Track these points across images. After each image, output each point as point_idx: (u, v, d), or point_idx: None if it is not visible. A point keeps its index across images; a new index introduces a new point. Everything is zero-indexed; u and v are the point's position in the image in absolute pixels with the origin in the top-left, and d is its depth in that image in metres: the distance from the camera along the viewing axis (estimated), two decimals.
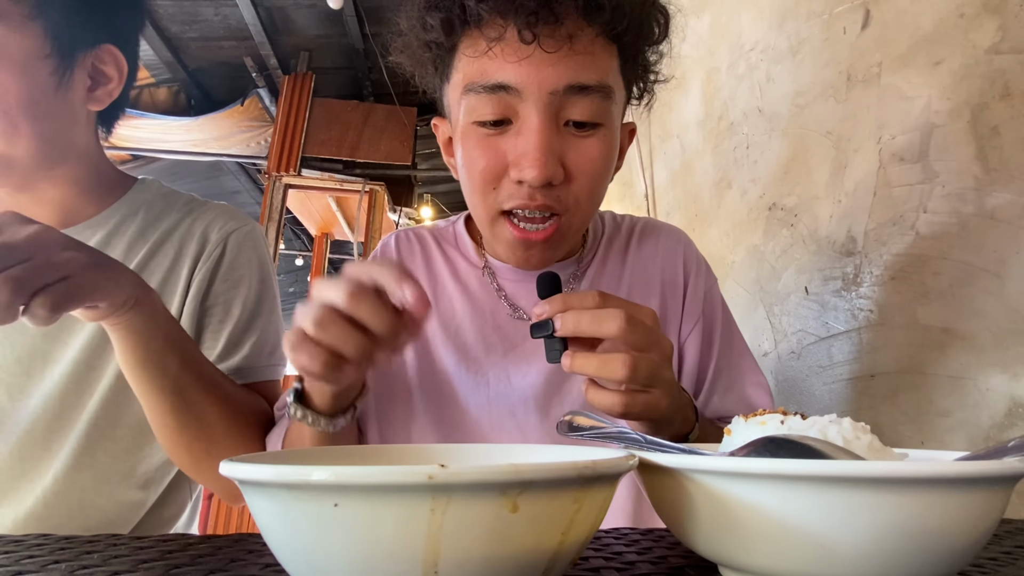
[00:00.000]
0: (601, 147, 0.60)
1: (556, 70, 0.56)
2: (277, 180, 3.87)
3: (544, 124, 0.57)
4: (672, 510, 0.32)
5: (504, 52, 0.57)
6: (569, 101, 0.58)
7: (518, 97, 0.57)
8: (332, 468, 0.22)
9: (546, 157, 0.57)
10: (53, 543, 0.40)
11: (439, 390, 0.68)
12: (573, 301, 0.50)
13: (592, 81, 0.58)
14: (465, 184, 0.64)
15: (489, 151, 0.60)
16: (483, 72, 0.58)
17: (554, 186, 0.59)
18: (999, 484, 0.27)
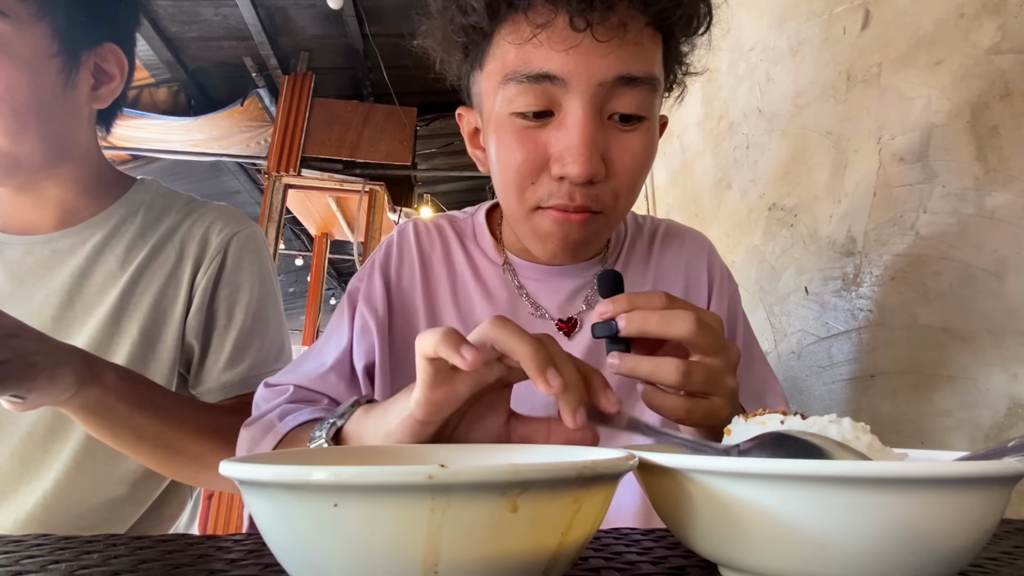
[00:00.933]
0: (644, 142, 0.58)
1: (607, 60, 0.53)
2: (277, 180, 3.86)
3: (589, 117, 0.54)
4: (672, 510, 0.32)
5: (551, 40, 0.54)
6: (616, 93, 0.55)
7: (563, 88, 0.54)
8: (332, 468, 0.22)
9: (591, 152, 0.54)
10: (53, 543, 0.40)
11: None
12: (640, 301, 0.47)
13: (642, 72, 0.55)
14: (498, 178, 0.61)
15: (528, 144, 0.57)
16: (526, 60, 0.55)
17: (595, 183, 0.56)
18: (999, 484, 0.27)
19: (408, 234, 0.75)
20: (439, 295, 0.70)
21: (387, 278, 0.71)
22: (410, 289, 0.71)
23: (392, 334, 0.69)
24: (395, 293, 0.71)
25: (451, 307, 0.69)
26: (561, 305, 0.68)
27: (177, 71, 3.82)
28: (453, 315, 0.69)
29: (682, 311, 0.46)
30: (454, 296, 0.70)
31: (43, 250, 0.77)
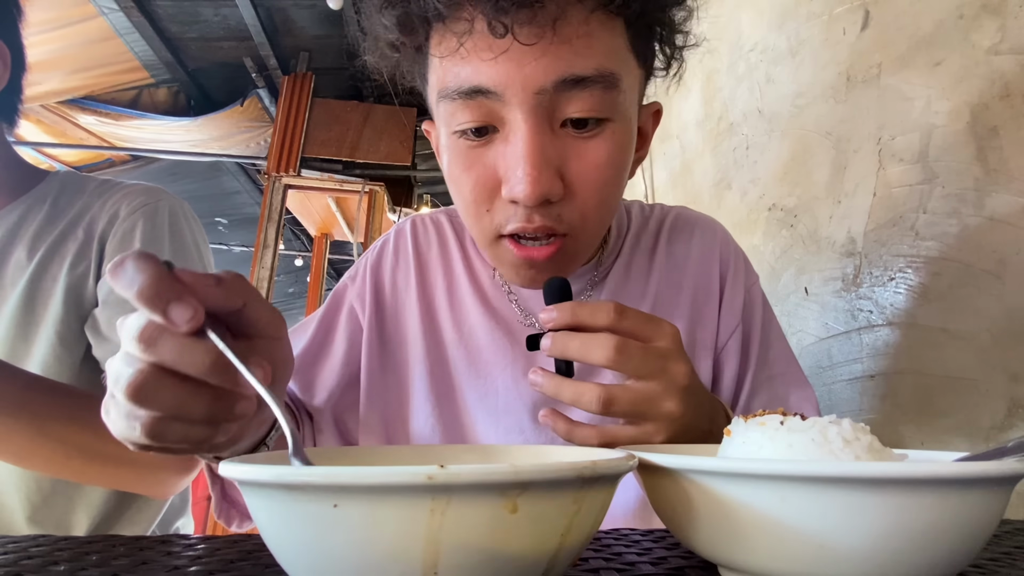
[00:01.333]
0: (608, 148, 0.51)
1: (540, 64, 0.46)
2: (276, 180, 3.86)
3: (534, 130, 0.48)
4: (672, 511, 0.32)
5: (476, 48, 0.47)
6: (563, 98, 0.48)
7: (499, 101, 0.48)
8: (331, 468, 0.22)
9: (538, 170, 0.47)
10: (52, 543, 0.40)
11: (448, 395, 0.64)
12: (583, 314, 0.44)
13: (589, 71, 0.48)
14: (458, 204, 0.56)
15: (476, 166, 0.51)
16: (455, 76, 0.49)
17: (553, 203, 0.50)
18: (999, 484, 0.27)
19: (405, 233, 0.72)
20: (435, 294, 0.68)
21: (378, 280, 0.70)
22: (405, 289, 0.69)
23: (382, 337, 0.67)
24: (388, 295, 0.69)
25: (446, 308, 0.67)
26: None
27: (177, 71, 3.82)
28: (448, 317, 0.67)
29: (603, 336, 0.43)
30: (449, 297, 0.68)
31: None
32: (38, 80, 3.15)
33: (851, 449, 0.30)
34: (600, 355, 0.43)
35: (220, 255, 5.14)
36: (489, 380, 0.63)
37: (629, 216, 0.71)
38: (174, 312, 0.32)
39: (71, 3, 2.89)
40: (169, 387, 0.33)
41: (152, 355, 0.32)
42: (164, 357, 0.32)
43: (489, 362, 0.64)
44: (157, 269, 0.32)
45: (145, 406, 0.33)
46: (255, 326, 0.36)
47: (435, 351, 0.66)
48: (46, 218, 0.78)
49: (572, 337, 0.44)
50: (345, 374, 0.67)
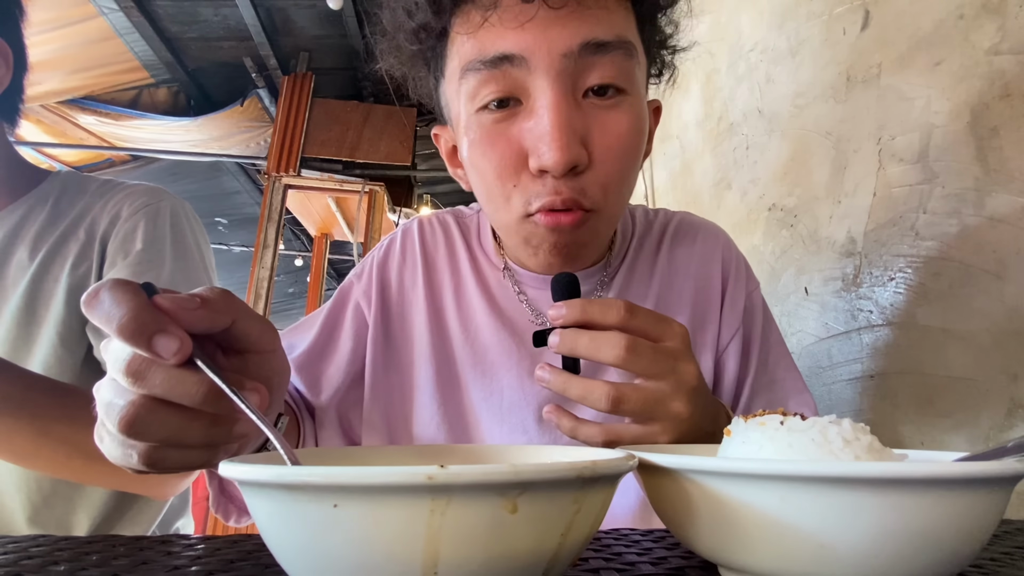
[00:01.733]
0: (629, 119, 0.52)
1: (568, 28, 0.49)
2: (276, 180, 3.86)
3: (560, 96, 0.49)
4: (672, 511, 0.32)
5: (503, 19, 0.49)
6: (587, 64, 0.50)
7: (525, 68, 0.49)
8: (331, 469, 0.22)
9: (567, 136, 0.48)
10: (52, 543, 0.40)
11: (453, 393, 0.64)
12: (594, 312, 0.44)
13: (611, 36, 0.50)
14: (479, 188, 0.56)
15: (500, 141, 0.51)
16: (481, 47, 0.50)
17: (579, 173, 0.51)
18: (999, 485, 0.27)
19: (412, 233, 0.72)
20: (442, 295, 0.69)
21: (384, 278, 0.70)
22: (411, 288, 0.69)
23: (387, 335, 0.68)
24: (394, 293, 0.69)
25: (453, 308, 0.67)
26: None
27: (177, 71, 3.82)
28: (455, 316, 0.67)
29: (613, 334, 0.43)
30: (456, 297, 0.68)
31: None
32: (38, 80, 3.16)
33: (851, 449, 0.30)
34: (610, 353, 0.42)
35: (220, 255, 5.14)
36: (495, 380, 0.63)
37: (634, 220, 0.71)
38: (159, 345, 0.31)
39: (71, 3, 2.89)
40: (163, 418, 0.32)
41: (142, 388, 0.31)
42: (155, 390, 0.31)
43: (495, 362, 0.64)
44: (135, 300, 0.31)
45: (139, 438, 0.32)
46: (246, 341, 0.36)
47: (441, 350, 0.66)
48: (48, 218, 0.78)
49: (581, 334, 0.43)
50: (350, 372, 0.67)
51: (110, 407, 0.32)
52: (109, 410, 0.32)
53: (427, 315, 0.67)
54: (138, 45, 3.38)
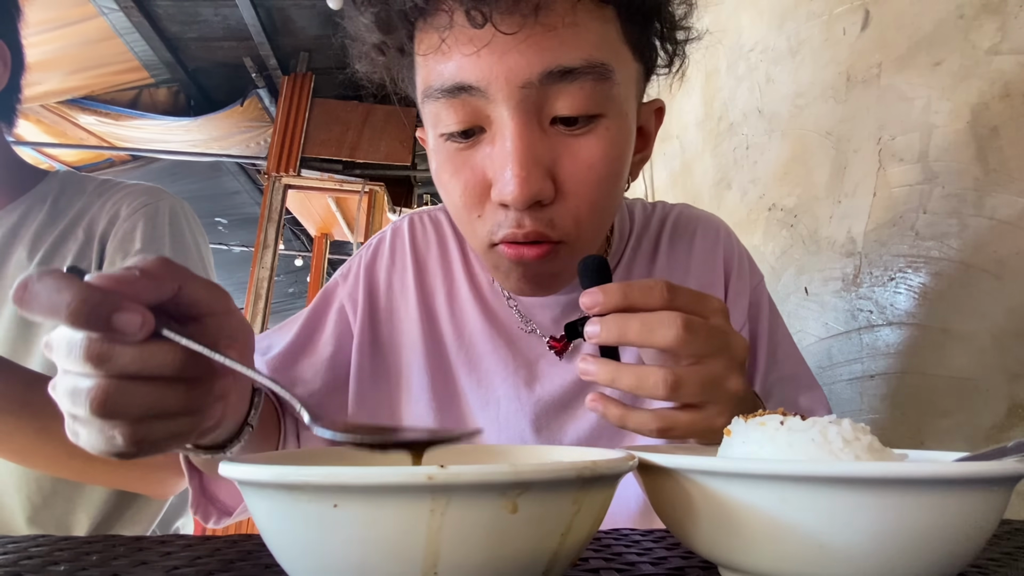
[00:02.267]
0: (602, 146, 0.48)
1: (525, 56, 0.44)
2: (276, 180, 3.86)
3: (521, 127, 0.45)
4: (672, 511, 0.32)
5: (458, 43, 0.45)
6: (551, 92, 0.45)
7: (484, 98, 0.45)
8: (331, 469, 0.22)
9: (527, 170, 0.45)
10: (52, 543, 0.40)
11: (450, 403, 0.62)
12: (636, 295, 0.40)
13: (578, 61, 0.45)
14: (449, 210, 0.54)
15: (464, 169, 0.49)
16: (438, 73, 0.47)
17: (545, 206, 0.47)
18: (999, 485, 0.27)
19: (403, 233, 0.69)
20: (434, 299, 0.66)
21: (372, 281, 0.67)
22: (401, 292, 0.66)
23: (375, 341, 0.65)
24: (382, 297, 0.66)
25: (446, 313, 0.65)
26: (555, 320, 0.62)
27: (177, 71, 3.82)
28: (448, 322, 0.64)
29: (667, 314, 0.39)
30: (449, 302, 0.65)
31: None
32: (38, 80, 3.15)
33: (851, 449, 0.30)
34: (667, 335, 0.38)
35: (220, 255, 5.14)
36: (491, 390, 0.61)
37: (632, 218, 0.68)
38: (122, 322, 0.29)
39: (71, 3, 2.88)
40: (137, 391, 0.31)
41: (110, 369, 0.30)
42: (127, 368, 0.30)
43: (490, 371, 0.62)
44: (76, 283, 0.29)
45: (118, 418, 0.31)
46: (197, 306, 0.34)
47: (436, 358, 0.63)
48: (46, 218, 0.78)
49: (630, 318, 0.39)
50: (330, 377, 0.63)
51: (75, 394, 0.31)
52: (75, 397, 0.31)
53: (419, 320, 0.64)
54: (138, 45, 3.38)
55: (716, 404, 0.41)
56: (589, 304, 0.40)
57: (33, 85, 3.09)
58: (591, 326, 0.40)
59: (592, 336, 0.40)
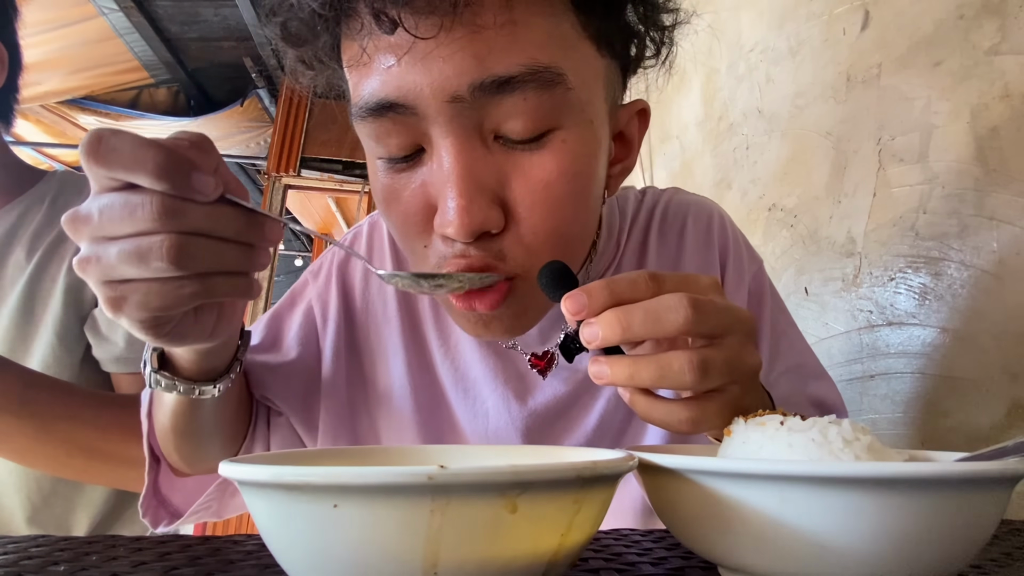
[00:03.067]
0: (559, 161, 0.41)
1: (451, 64, 0.37)
2: (276, 181, 3.86)
3: (458, 148, 0.39)
4: (672, 511, 0.32)
5: (378, 53, 0.39)
6: (489, 106, 0.39)
7: (413, 116, 0.40)
8: (331, 469, 0.22)
9: (467, 198, 0.39)
10: (52, 543, 0.40)
11: (435, 413, 0.58)
12: (621, 289, 0.35)
13: (515, 68, 0.38)
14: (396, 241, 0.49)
15: (404, 193, 0.43)
16: (362, 88, 0.41)
17: (494, 235, 0.41)
18: (999, 485, 0.27)
19: (381, 227, 0.63)
20: (418, 299, 0.60)
21: (347, 280, 0.61)
22: (379, 293, 0.60)
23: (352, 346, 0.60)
24: (358, 298, 0.60)
25: (430, 317, 0.60)
26: (535, 338, 0.57)
27: (177, 71, 3.82)
28: (432, 326, 0.59)
29: (673, 296, 0.35)
30: (433, 303, 0.59)
31: None
32: (38, 80, 3.16)
33: (851, 449, 0.30)
34: (675, 319, 0.34)
35: None
36: (479, 401, 0.57)
37: (622, 213, 0.62)
38: (199, 182, 0.32)
39: (71, 3, 2.89)
40: (207, 247, 0.33)
41: (178, 225, 0.32)
42: (197, 224, 0.32)
43: (478, 379, 0.57)
44: (158, 143, 0.31)
45: (189, 268, 0.33)
46: (228, 186, 0.35)
47: (420, 364, 0.58)
48: (45, 218, 0.79)
49: (631, 310, 0.35)
50: (298, 383, 0.58)
51: (142, 252, 0.32)
52: (142, 255, 0.32)
53: (400, 324, 0.59)
54: (138, 45, 3.38)
55: (739, 383, 0.38)
56: (575, 308, 0.35)
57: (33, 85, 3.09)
58: (587, 329, 0.35)
59: (592, 339, 0.35)
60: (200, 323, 0.39)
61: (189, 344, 0.40)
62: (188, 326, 0.38)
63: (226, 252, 0.35)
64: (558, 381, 0.57)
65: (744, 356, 0.37)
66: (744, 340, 0.38)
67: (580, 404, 0.57)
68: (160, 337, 0.37)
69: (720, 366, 0.35)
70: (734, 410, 0.37)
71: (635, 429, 0.58)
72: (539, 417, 0.57)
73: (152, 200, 0.32)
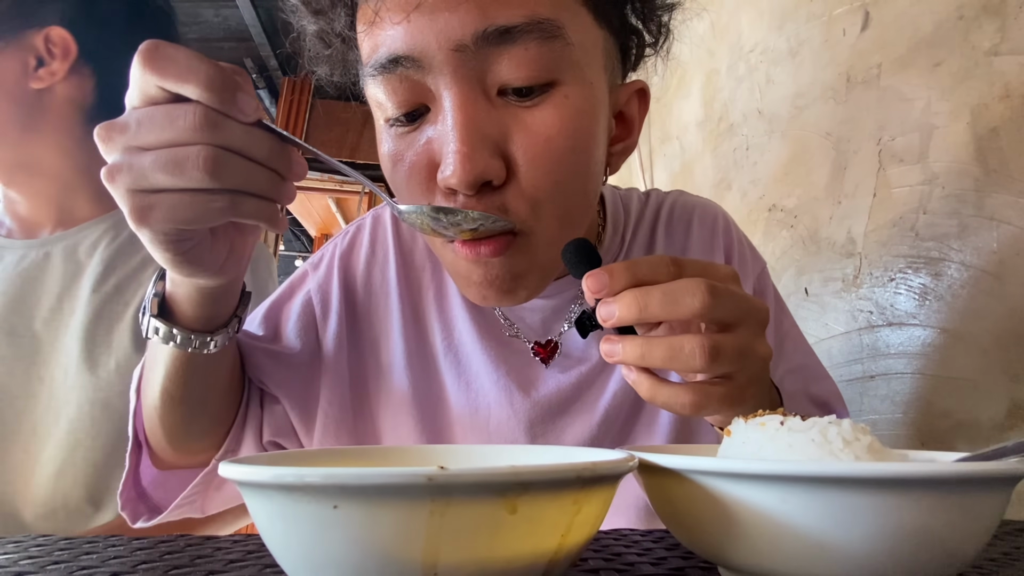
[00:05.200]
0: (560, 116, 0.42)
1: (456, 15, 0.40)
2: None
3: (462, 98, 0.41)
4: (672, 511, 0.32)
5: (390, 11, 0.41)
6: (492, 57, 0.41)
7: (419, 70, 0.41)
8: (331, 469, 0.22)
9: (469, 145, 0.40)
10: (52, 543, 0.40)
11: (434, 408, 0.58)
12: (643, 271, 0.36)
13: (518, 19, 0.40)
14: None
15: (409, 154, 0.45)
16: (373, 47, 0.43)
17: (496, 188, 0.43)
18: (999, 485, 0.27)
19: (384, 221, 0.63)
20: (421, 293, 0.60)
21: (349, 273, 0.61)
22: (382, 285, 0.61)
23: (354, 338, 0.60)
24: (360, 290, 0.61)
25: (434, 308, 0.60)
26: (538, 326, 0.59)
27: None
28: (435, 318, 0.60)
29: (690, 280, 0.35)
30: (438, 296, 0.60)
31: (38, 253, 0.77)
32: None
33: (851, 449, 0.30)
34: (692, 303, 0.35)
35: None
36: (481, 394, 0.57)
37: (627, 209, 0.63)
38: (242, 102, 0.34)
39: None
40: (240, 164, 0.34)
41: (216, 138, 0.33)
42: (233, 141, 0.34)
43: (480, 374, 0.57)
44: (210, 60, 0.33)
45: (222, 181, 0.34)
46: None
47: (420, 358, 0.59)
48: (129, 238, 0.79)
49: (649, 291, 0.35)
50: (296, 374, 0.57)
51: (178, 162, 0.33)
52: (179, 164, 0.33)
53: (403, 315, 0.59)
54: None
55: (746, 372, 0.38)
56: (596, 287, 0.36)
57: None
58: (605, 307, 0.36)
59: (608, 317, 0.36)
60: (214, 252, 0.40)
61: (200, 273, 0.40)
62: (204, 251, 0.39)
63: (258, 173, 0.36)
64: (561, 373, 0.57)
65: (755, 345, 0.38)
66: (757, 330, 0.38)
67: (584, 397, 0.58)
68: (177, 255, 0.38)
69: (731, 353, 0.36)
70: (739, 398, 0.38)
71: (641, 421, 0.58)
72: (543, 409, 0.57)
73: (196, 110, 0.33)
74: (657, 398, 0.38)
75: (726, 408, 0.38)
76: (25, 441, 0.71)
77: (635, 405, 0.58)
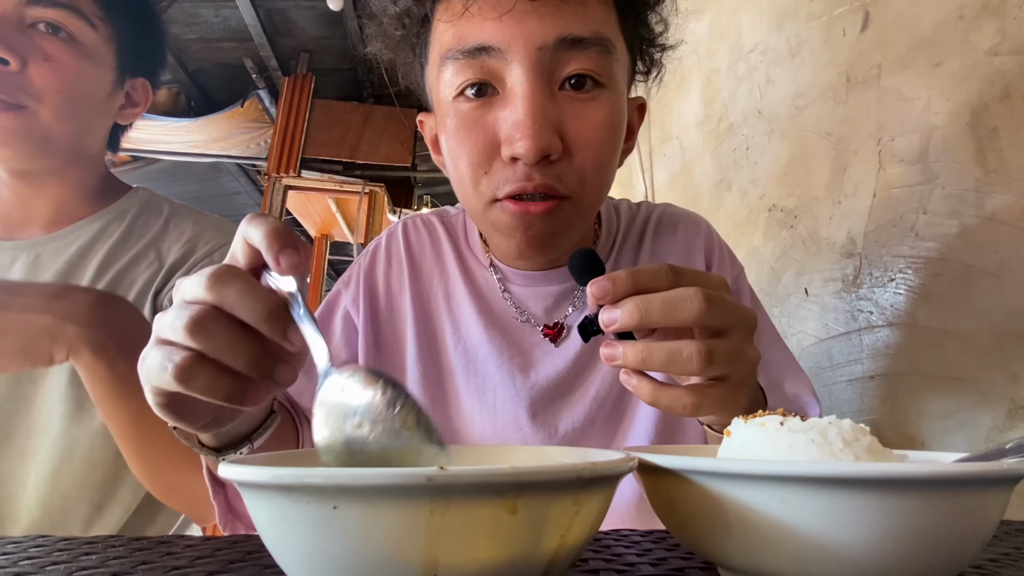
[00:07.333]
0: (605, 112, 0.53)
1: (544, 22, 0.50)
2: (277, 181, 3.87)
3: (535, 87, 0.50)
4: (672, 512, 0.32)
5: (483, 10, 0.51)
6: (563, 58, 0.51)
7: (502, 59, 0.51)
8: (331, 470, 0.22)
9: (539, 125, 0.49)
10: (52, 544, 0.40)
11: (442, 395, 0.65)
12: (644, 279, 0.39)
13: (588, 32, 0.51)
14: (453, 175, 0.57)
15: (475, 129, 0.53)
16: (461, 36, 0.52)
17: (553, 162, 0.52)
18: (999, 485, 0.27)
19: (397, 236, 0.73)
20: (430, 297, 0.69)
21: (372, 285, 0.70)
22: (399, 292, 0.69)
23: (377, 342, 0.68)
24: (382, 299, 0.69)
25: (443, 308, 0.67)
26: (547, 310, 0.66)
27: (177, 72, 3.82)
28: (445, 316, 0.67)
29: (689, 289, 0.39)
30: (446, 297, 0.68)
31: (29, 255, 0.77)
32: None
33: (851, 450, 0.30)
34: (689, 310, 0.38)
35: None
36: (486, 378, 0.64)
37: (619, 215, 0.72)
38: (293, 335, 0.35)
39: None
40: (224, 325, 0.35)
41: (214, 296, 0.34)
42: (227, 300, 0.34)
43: (485, 360, 0.64)
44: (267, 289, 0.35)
45: (197, 340, 0.34)
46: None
47: (429, 350, 0.66)
48: (120, 238, 0.80)
49: (650, 299, 0.39)
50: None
51: (175, 320, 0.35)
52: (174, 323, 0.35)
53: (414, 317, 0.67)
54: None
55: (738, 375, 0.42)
56: (599, 293, 0.39)
57: None
58: (607, 313, 0.39)
59: (611, 323, 0.39)
60: (201, 411, 0.40)
61: (191, 427, 0.41)
62: (187, 411, 0.39)
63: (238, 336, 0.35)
64: (561, 357, 0.64)
65: (745, 349, 0.42)
66: (746, 335, 0.42)
67: (579, 378, 0.64)
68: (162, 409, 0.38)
69: (724, 356, 0.39)
70: (732, 398, 0.42)
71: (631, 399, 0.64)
72: (543, 391, 0.63)
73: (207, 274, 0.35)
74: (660, 401, 0.41)
75: (721, 408, 0.42)
76: (20, 444, 0.71)
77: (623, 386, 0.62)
